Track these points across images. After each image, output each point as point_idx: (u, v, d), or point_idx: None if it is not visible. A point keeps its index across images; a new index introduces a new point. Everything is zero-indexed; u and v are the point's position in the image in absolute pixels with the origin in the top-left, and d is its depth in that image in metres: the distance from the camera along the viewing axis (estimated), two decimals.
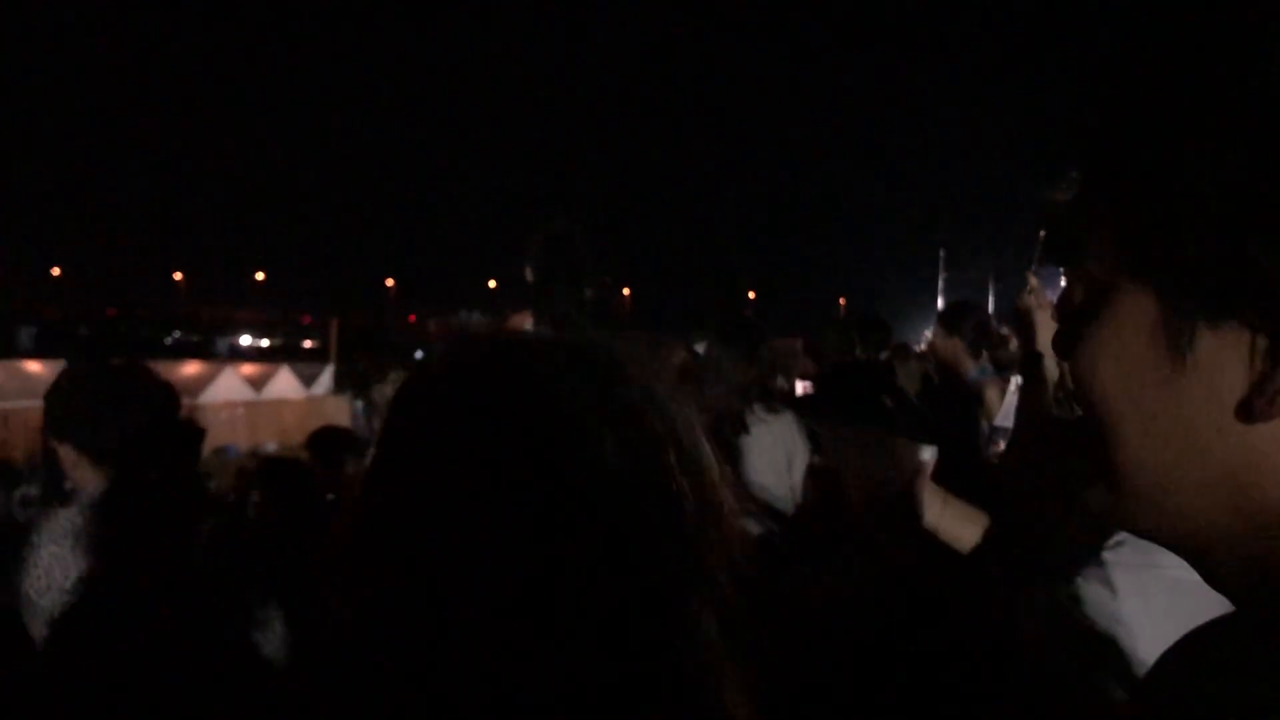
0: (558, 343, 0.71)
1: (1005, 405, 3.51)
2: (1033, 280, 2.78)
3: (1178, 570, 0.67)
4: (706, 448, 0.72)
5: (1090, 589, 1.42)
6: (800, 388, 5.49)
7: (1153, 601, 1.32)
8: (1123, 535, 1.40)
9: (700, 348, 4.22)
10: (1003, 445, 3.25)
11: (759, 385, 3.71)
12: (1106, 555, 1.41)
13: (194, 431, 2.36)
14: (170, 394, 2.24)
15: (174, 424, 2.24)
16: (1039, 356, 2.39)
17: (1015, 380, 3.31)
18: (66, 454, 2.15)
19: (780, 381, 5.67)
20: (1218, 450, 0.53)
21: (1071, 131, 0.59)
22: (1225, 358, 0.51)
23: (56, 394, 2.16)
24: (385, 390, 3.73)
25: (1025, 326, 2.49)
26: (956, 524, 1.85)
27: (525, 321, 3.29)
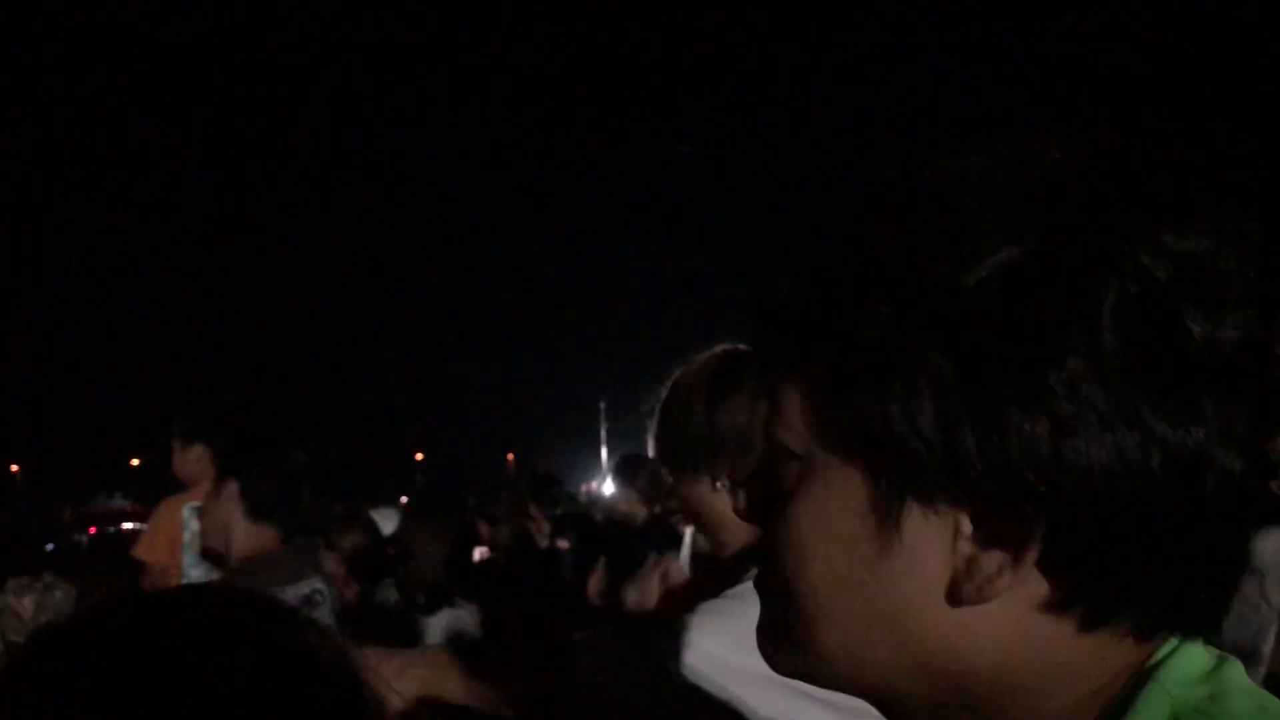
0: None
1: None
2: None
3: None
4: None
5: None
6: (477, 554, 4.97)
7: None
8: None
9: (383, 520, 3.98)
10: None
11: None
12: None
13: None
14: None
15: None
16: None
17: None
18: None
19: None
20: (928, 633, 0.52)
21: (763, 299, 0.57)
22: (933, 540, 0.51)
23: None
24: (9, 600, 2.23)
25: None
26: None
27: None
